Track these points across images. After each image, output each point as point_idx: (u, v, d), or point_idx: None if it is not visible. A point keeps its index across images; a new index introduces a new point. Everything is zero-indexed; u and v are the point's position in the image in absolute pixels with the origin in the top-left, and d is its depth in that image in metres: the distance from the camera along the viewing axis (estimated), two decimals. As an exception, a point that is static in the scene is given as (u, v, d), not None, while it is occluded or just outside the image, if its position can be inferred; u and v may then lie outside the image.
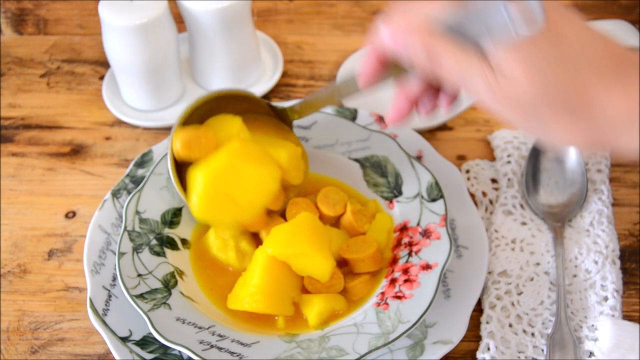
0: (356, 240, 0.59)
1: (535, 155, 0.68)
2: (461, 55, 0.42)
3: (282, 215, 0.61)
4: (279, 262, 0.56)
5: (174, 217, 0.61)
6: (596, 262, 0.61)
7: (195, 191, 0.56)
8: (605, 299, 0.59)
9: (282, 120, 0.62)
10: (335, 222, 0.62)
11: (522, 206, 0.66)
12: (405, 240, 0.60)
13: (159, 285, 0.56)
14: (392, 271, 0.58)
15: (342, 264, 0.59)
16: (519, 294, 0.60)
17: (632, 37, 0.81)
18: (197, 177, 0.55)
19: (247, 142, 0.58)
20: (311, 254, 0.55)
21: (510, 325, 0.58)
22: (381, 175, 0.65)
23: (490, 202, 0.67)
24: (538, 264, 0.62)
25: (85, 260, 0.59)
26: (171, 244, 0.60)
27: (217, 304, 0.57)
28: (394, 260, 0.59)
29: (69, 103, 0.79)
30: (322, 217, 0.61)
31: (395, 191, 0.63)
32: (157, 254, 0.59)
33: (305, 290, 0.57)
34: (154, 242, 0.59)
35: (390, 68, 0.48)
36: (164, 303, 0.55)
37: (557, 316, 0.57)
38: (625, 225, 0.65)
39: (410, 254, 0.58)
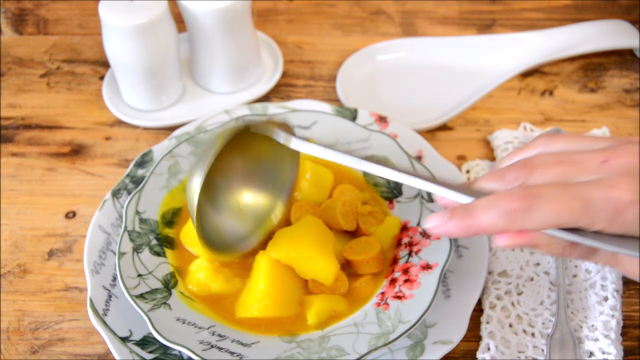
0: (359, 241, 0.59)
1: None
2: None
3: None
4: (282, 264, 0.56)
5: (173, 217, 0.61)
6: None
7: (197, 238, 0.56)
8: (605, 299, 0.59)
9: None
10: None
11: (522, 206, 0.66)
12: (406, 240, 0.60)
13: (159, 285, 0.56)
14: (392, 271, 0.58)
15: (345, 265, 0.59)
16: (519, 294, 0.60)
17: (632, 37, 0.81)
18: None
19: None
20: (315, 258, 0.55)
21: (510, 325, 0.58)
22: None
23: (490, 202, 0.67)
24: (538, 264, 0.62)
25: (85, 260, 0.59)
26: (171, 244, 0.60)
27: (216, 316, 0.56)
28: (394, 260, 0.59)
29: (69, 103, 0.79)
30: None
31: (395, 191, 0.63)
32: (157, 254, 0.59)
33: (309, 292, 0.57)
34: (154, 242, 0.59)
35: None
36: (164, 303, 0.55)
37: (557, 316, 0.57)
38: (625, 225, 0.65)
39: (410, 254, 0.58)
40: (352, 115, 0.69)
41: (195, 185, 0.50)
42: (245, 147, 0.56)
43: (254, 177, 0.59)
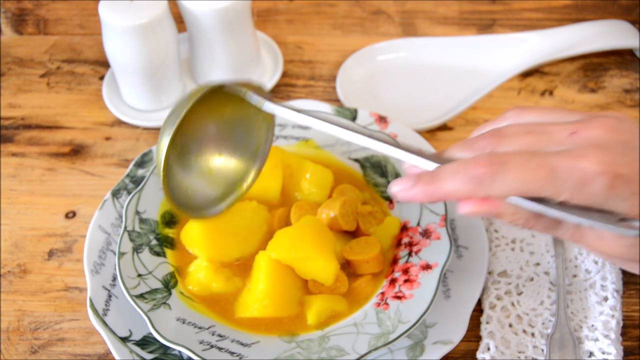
0: (359, 241, 0.59)
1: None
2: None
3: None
4: (282, 264, 0.56)
5: (173, 217, 0.61)
6: (596, 262, 0.61)
7: (197, 239, 0.58)
8: (605, 299, 0.59)
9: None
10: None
11: (522, 206, 0.66)
12: (405, 240, 0.60)
13: (159, 285, 0.56)
14: (392, 271, 0.58)
15: (345, 265, 0.59)
16: (519, 294, 0.60)
17: (632, 37, 0.81)
18: (194, 225, 0.58)
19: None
20: (315, 258, 0.55)
21: (510, 325, 0.58)
22: (381, 175, 0.65)
23: (490, 202, 0.67)
24: (538, 264, 0.62)
25: (85, 260, 0.59)
26: (171, 244, 0.60)
27: (216, 316, 0.56)
28: (394, 260, 0.59)
29: (69, 103, 0.79)
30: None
31: (395, 191, 0.63)
32: (157, 254, 0.59)
33: (309, 292, 0.57)
34: (154, 242, 0.59)
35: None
36: (164, 303, 0.55)
37: (557, 316, 0.57)
38: (625, 225, 0.65)
39: (410, 254, 0.58)
40: (352, 115, 0.69)
41: (165, 140, 0.50)
42: (220, 111, 0.55)
43: (227, 142, 0.58)
